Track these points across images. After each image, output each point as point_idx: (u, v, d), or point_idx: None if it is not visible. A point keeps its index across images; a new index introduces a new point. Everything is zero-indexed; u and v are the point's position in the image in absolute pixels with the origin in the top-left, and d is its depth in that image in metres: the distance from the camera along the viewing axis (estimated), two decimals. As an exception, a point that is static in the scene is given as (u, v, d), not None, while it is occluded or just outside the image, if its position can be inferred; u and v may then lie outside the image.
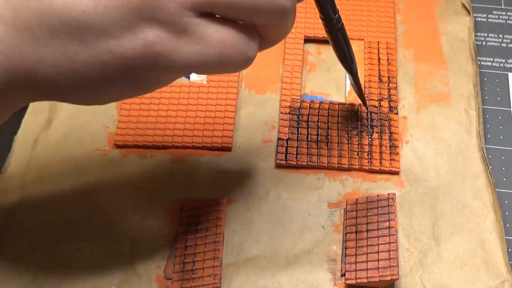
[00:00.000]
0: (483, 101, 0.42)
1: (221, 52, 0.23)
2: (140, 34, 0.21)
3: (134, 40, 0.21)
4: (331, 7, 0.31)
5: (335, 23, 0.32)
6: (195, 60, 0.23)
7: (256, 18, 0.23)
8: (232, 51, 0.23)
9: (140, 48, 0.21)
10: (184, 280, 0.33)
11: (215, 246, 0.33)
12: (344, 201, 0.36)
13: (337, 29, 0.33)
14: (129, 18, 0.21)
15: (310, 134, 0.39)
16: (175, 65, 0.23)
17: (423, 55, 0.43)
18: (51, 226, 0.35)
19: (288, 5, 0.24)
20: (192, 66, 0.23)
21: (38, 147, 0.38)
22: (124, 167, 0.38)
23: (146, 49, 0.21)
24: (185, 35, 0.22)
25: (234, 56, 0.23)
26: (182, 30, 0.22)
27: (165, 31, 0.21)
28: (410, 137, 0.39)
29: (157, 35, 0.21)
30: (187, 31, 0.22)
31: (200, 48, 0.22)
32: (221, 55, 0.23)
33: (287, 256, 0.35)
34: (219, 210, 0.35)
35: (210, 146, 0.38)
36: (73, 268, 0.34)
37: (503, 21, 0.46)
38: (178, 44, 0.22)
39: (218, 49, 0.23)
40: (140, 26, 0.21)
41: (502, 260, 0.34)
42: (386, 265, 0.32)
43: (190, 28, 0.22)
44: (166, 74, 0.24)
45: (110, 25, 0.21)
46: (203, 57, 0.23)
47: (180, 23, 0.21)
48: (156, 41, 0.21)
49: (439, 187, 0.37)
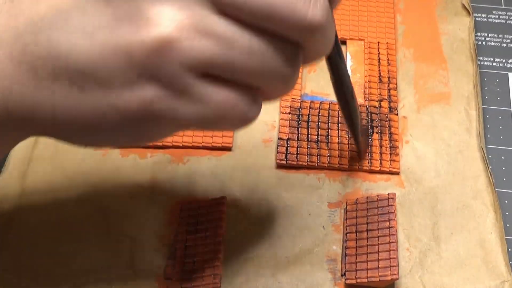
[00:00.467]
0: (483, 101, 0.42)
1: (220, 113, 0.23)
2: (139, 91, 0.21)
3: (133, 96, 0.21)
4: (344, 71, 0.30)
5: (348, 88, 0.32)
6: (193, 119, 0.22)
7: (258, 83, 0.23)
8: (232, 112, 0.23)
9: (138, 104, 0.21)
10: (184, 280, 0.33)
11: (215, 246, 0.33)
12: (344, 201, 0.36)
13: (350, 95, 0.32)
14: (130, 74, 0.21)
15: (311, 134, 0.39)
16: (172, 122, 0.23)
17: (423, 55, 0.43)
18: (51, 226, 0.35)
19: (291, 72, 0.23)
20: (188, 124, 0.23)
21: (38, 147, 0.38)
22: (124, 167, 0.38)
23: (144, 106, 0.22)
24: (185, 95, 0.22)
25: (233, 117, 0.23)
26: (182, 90, 0.22)
27: (165, 90, 0.21)
28: (410, 137, 0.39)
29: (156, 94, 0.21)
30: (186, 91, 0.22)
31: (199, 108, 0.22)
32: (219, 116, 0.23)
33: (287, 256, 0.35)
34: (219, 210, 0.35)
35: (210, 146, 0.38)
36: (73, 268, 0.34)
37: (503, 21, 0.46)
38: (176, 104, 0.22)
39: (217, 110, 0.22)
40: (141, 83, 0.21)
41: (502, 260, 0.34)
42: (386, 265, 0.32)
43: (189, 88, 0.22)
44: (162, 129, 0.24)
45: (112, 78, 0.21)
46: (201, 117, 0.22)
47: (180, 84, 0.21)
48: (154, 100, 0.21)
49: (439, 187, 0.37)
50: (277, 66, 0.22)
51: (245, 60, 0.22)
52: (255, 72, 0.22)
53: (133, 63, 0.21)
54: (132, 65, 0.21)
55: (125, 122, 0.22)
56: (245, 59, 0.22)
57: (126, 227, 0.35)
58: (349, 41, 0.43)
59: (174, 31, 0.20)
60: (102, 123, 0.22)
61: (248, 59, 0.22)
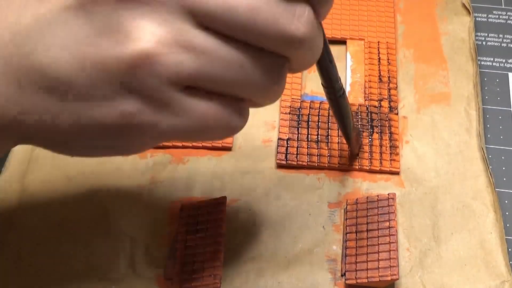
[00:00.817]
0: (483, 101, 0.42)
1: (203, 125, 0.23)
2: (119, 104, 0.21)
3: (113, 109, 0.21)
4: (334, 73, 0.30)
5: (338, 89, 0.31)
6: (175, 131, 0.22)
7: (240, 93, 0.23)
8: (215, 123, 0.23)
9: (118, 117, 0.21)
10: (184, 280, 0.33)
11: (215, 246, 0.33)
12: (344, 201, 0.36)
13: (340, 95, 0.31)
14: (110, 88, 0.21)
15: (311, 134, 0.39)
16: (154, 135, 0.23)
17: (423, 55, 0.43)
18: (51, 226, 0.35)
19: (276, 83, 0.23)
20: (171, 136, 0.23)
21: (38, 147, 0.38)
22: (124, 167, 0.38)
23: (125, 119, 0.22)
24: (166, 108, 0.22)
25: (217, 128, 0.23)
26: (163, 103, 0.22)
27: (146, 104, 0.21)
28: (410, 137, 0.39)
29: (137, 107, 0.21)
30: (168, 104, 0.22)
31: (181, 121, 0.22)
32: (202, 127, 0.23)
33: (287, 256, 0.35)
34: (219, 210, 0.35)
35: (210, 146, 0.38)
36: (73, 268, 0.34)
37: (503, 21, 0.46)
38: (158, 117, 0.22)
39: (199, 122, 0.22)
40: (121, 96, 0.21)
41: (502, 260, 0.34)
42: (386, 265, 0.32)
43: (171, 102, 0.22)
44: (146, 141, 0.24)
45: (92, 90, 0.21)
46: (184, 129, 0.23)
47: (161, 97, 0.21)
48: (135, 113, 0.21)
49: (439, 187, 0.37)
50: (259, 78, 0.22)
51: (226, 73, 0.21)
52: (236, 84, 0.22)
53: (112, 77, 0.21)
54: (111, 79, 0.21)
55: (106, 134, 0.22)
56: (225, 72, 0.21)
57: (126, 227, 0.35)
58: (349, 41, 0.43)
59: (154, 46, 0.20)
60: (83, 134, 0.22)
61: (229, 71, 0.21)
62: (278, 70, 0.23)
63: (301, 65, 0.24)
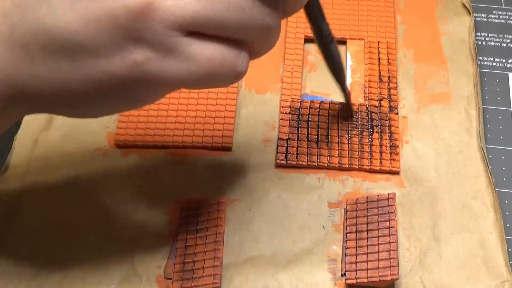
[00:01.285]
0: (483, 101, 0.42)
1: (210, 69, 0.23)
2: (128, 54, 0.22)
3: (123, 59, 0.22)
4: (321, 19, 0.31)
5: (327, 35, 0.32)
6: (184, 77, 0.23)
7: (243, 36, 0.24)
8: (221, 67, 0.23)
9: (129, 67, 0.22)
10: (184, 280, 0.33)
11: (215, 246, 0.33)
12: (344, 201, 0.36)
13: (329, 41, 0.33)
14: (118, 39, 0.21)
15: (310, 134, 0.39)
16: (164, 82, 0.23)
17: (423, 55, 0.43)
18: (51, 226, 0.35)
19: (273, 24, 0.24)
20: (181, 82, 0.24)
21: (38, 147, 0.38)
22: (124, 167, 0.38)
23: (135, 68, 0.22)
24: (173, 54, 0.22)
25: (223, 72, 0.24)
26: (170, 49, 0.22)
27: (153, 51, 0.22)
28: (410, 137, 0.39)
29: (145, 55, 0.22)
30: (174, 50, 0.22)
31: (188, 66, 0.23)
32: (209, 71, 0.23)
33: (287, 256, 0.35)
34: (219, 210, 0.35)
35: (210, 146, 0.38)
36: (73, 268, 0.34)
37: (503, 21, 0.46)
38: (166, 63, 0.22)
39: (206, 66, 0.23)
40: (128, 46, 0.22)
41: (502, 260, 0.34)
42: (386, 265, 0.32)
43: (177, 47, 0.22)
44: (156, 90, 0.24)
45: (100, 45, 0.21)
46: (192, 74, 0.23)
47: (168, 43, 0.22)
48: (144, 61, 0.22)
49: (439, 187, 0.37)
50: (258, 17, 0.23)
51: (226, 14, 0.22)
52: (238, 25, 0.23)
53: (118, 28, 0.21)
54: (118, 30, 0.21)
55: (119, 87, 0.23)
56: (226, 13, 0.22)
57: (126, 227, 0.35)
58: (349, 41, 0.43)
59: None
60: (96, 90, 0.23)
61: (230, 12, 0.22)
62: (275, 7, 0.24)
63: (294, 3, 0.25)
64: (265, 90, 0.41)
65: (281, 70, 0.42)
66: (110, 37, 0.21)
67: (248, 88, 0.41)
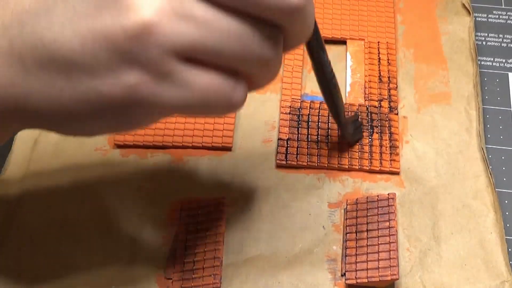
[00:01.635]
0: (483, 101, 0.42)
1: (204, 98, 0.23)
2: (123, 76, 0.21)
3: (117, 81, 0.21)
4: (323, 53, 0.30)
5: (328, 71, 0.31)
6: (177, 104, 0.23)
7: (241, 67, 0.23)
8: (216, 97, 0.23)
9: (122, 89, 0.22)
10: (184, 280, 0.33)
11: (215, 246, 0.33)
12: (344, 201, 0.36)
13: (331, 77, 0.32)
14: (113, 60, 0.21)
15: (310, 134, 0.39)
16: (157, 108, 0.23)
17: (423, 55, 0.43)
18: (51, 226, 0.35)
19: (273, 57, 0.23)
20: (174, 109, 0.23)
21: (38, 147, 0.38)
22: (124, 167, 0.38)
23: (128, 91, 0.22)
24: (168, 80, 0.22)
25: (218, 102, 0.23)
26: (165, 75, 0.22)
27: (148, 75, 0.22)
28: (410, 137, 0.39)
29: (139, 78, 0.22)
30: (170, 76, 0.22)
31: (182, 93, 0.22)
32: (203, 100, 0.23)
33: (287, 256, 0.35)
34: (219, 210, 0.35)
35: (210, 146, 0.38)
36: (73, 268, 0.34)
37: (503, 21, 0.46)
38: (160, 89, 0.22)
39: (201, 95, 0.23)
40: (124, 68, 0.21)
41: (502, 260, 0.34)
42: (386, 265, 0.32)
43: (173, 73, 0.22)
44: (148, 115, 0.24)
45: (95, 64, 0.21)
46: (185, 102, 0.23)
47: (163, 68, 0.21)
48: (137, 84, 0.22)
49: (439, 187, 0.37)
50: (257, 49, 0.22)
51: (225, 44, 0.22)
52: (236, 55, 0.22)
53: (115, 49, 0.21)
54: (114, 51, 0.21)
55: (110, 108, 0.22)
56: (225, 43, 0.22)
57: (126, 227, 0.35)
58: (349, 41, 0.43)
59: (154, 16, 0.20)
60: (88, 110, 0.22)
61: (228, 42, 0.22)
62: (275, 41, 0.23)
63: (296, 37, 0.24)
64: (265, 90, 0.41)
65: (281, 70, 0.42)
66: (105, 58, 0.21)
67: (248, 88, 0.41)
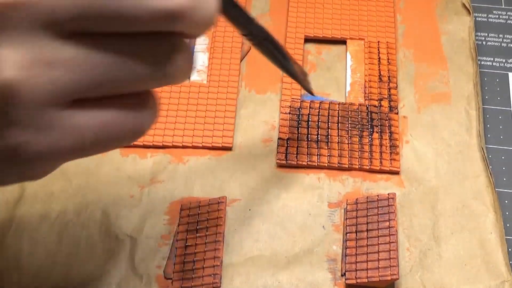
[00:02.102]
0: (483, 101, 0.42)
1: (99, 137, 0.21)
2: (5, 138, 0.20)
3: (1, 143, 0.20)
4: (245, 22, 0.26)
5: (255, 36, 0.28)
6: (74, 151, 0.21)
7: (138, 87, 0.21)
8: (117, 129, 0.21)
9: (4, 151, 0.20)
10: (184, 280, 0.33)
11: (215, 246, 0.33)
12: (344, 201, 0.36)
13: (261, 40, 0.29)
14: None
15: (310, 134, 0.39)
16: (51, 160, 0.21)
17: (423, 55, 0.43)
18: (51, 226, 0.35)
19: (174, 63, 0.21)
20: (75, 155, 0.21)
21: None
22: (124, 167, 0.38)
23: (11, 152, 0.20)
24: (54, 130, 0.20)
25: (121, 133, 0.21)
26: (47, 127, 0.20)
27: (28, 132, 0.20)
28: (410, 137, 0.39)
29: (20, 138, 0.20)
30: (55, 126, 0.20)
31: (76, 139, 0.20)
32: (99, 139, 0.21)
33: (287, 256, 0.35)
34: (219, 210, 0.35)
35: (210, 146, 0.38)
36: (73, 268, 0.34)
37: (503, 21, 0.46)
38: (47, 141, 0.20)
39: (94, 135, 0.20)
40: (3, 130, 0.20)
41: (502, 260, 0.34)
42: (386, 265, 0.32)
43: (57, 122, 0.20)
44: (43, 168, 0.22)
45: None
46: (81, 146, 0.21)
47: (44, 121, 0.20)
48: (20, 144, 0.20)
49: (439, 187, 0.37)
50: (149, 66, 0.20)
51: (108, 76, 0.20)
52: (126, 81, 0.20)
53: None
54: None
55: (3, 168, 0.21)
56: (107, 75, 0.20)
57: (126, 227, 0.35)
58: (349, 41, 0.43)
59: (17, 73, 0.18)
60: None
61: (111, 73, 0.20)
62: (169, 49, 0.20)
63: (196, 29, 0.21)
64: (265, 90, 0.41)
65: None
66: None
67: (248, 88, 0.41)
